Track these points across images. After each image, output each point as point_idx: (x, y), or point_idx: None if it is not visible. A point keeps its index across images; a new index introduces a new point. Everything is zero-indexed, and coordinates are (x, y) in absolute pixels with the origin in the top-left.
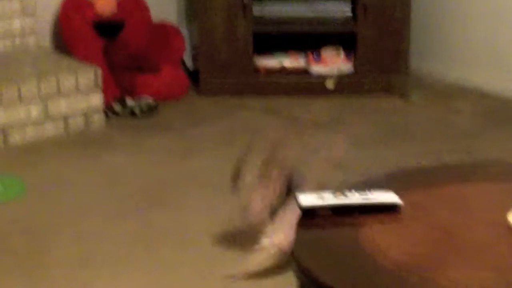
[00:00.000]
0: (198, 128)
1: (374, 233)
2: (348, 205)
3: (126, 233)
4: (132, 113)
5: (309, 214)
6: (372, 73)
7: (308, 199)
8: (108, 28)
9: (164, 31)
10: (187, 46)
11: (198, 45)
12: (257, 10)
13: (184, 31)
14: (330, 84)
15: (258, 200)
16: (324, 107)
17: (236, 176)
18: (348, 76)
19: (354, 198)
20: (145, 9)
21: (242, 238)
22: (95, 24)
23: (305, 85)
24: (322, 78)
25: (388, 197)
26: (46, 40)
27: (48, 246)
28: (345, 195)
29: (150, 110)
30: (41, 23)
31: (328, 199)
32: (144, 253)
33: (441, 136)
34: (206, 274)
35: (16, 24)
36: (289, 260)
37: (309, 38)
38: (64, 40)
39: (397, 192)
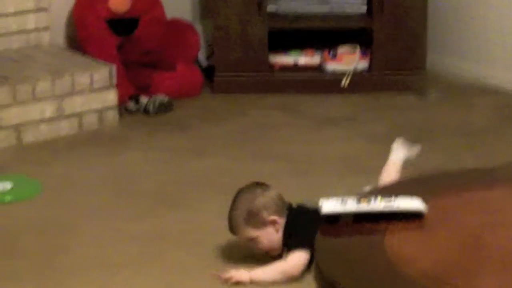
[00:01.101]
0: (213, 127)
1: (398, 241)
2: (371, 212)
3: (140, 235)
4: (146, 111)
5: (331, 221)
6: (388, 71)
7: (330, 205)
8: (122, 26)
9: (178, 28)
10: (201, 43)
11: (213, 42)
12: (272, 7)
13: (198, 28)
14: (345, 82)
15: (263, 239)
16: (339, 105)
17: (232, 228)
18: (363, 73)
19: (377, 204)
20: (159, 6)
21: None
22: (109, 21)
23: (320, 83)
24: (337, 75)
25: (412, 203)
26: (59, 38)
27: (62, 248)
28: (369, 202)
29: (164, 108)
30: (55, 20)
31: (350, 205)
32: (159, 255)
33: (458, 134)
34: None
35: (30, 21)
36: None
37: (324, 35)
38: (78, 37)
39: (421, 197)
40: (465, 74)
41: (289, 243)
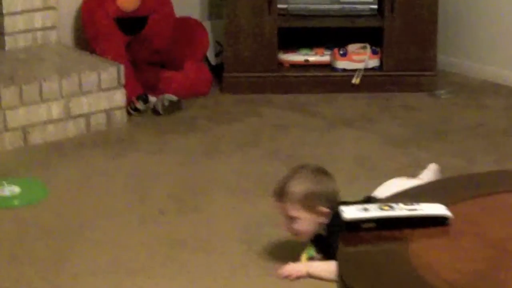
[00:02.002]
0: (223, 127)
1: (422, 249)
2: (393, 218)
3: (151, 239)
4: (155, 111)
5: (352, 228)
6: (399, 69)
7: (351, 211)
8: (130, 24)
9: (187, 27)
10: (210, 42)
11: (222, 40)
12: (282, 4)
13: (207, 26)
14: (356, 80)
15: (303, 223)
16: (350, 104)
17: (281, 193)
18: (374, 72)
19: (400, 210)
20: (168, 4)
21: None
22: (117, 20)
23: (330, 81)
24: (348, 74)
25: (436, 209)
26: (67, 36)
27: (71, 252)
28: (391, 207)
29: (173, 108)
30: (62, 19)
31: (372, 211)
32: (169, 260)
33: (472, 134)
34: (234, 282)
35: (38, 19)
36: None
37: (334, 34)
38: (87, 36)
39: (445, 203)
40: (477, 74)
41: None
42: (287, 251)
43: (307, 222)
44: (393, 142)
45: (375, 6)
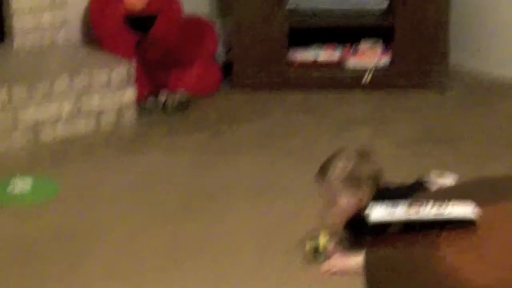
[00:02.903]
0: (234, 126)
1: (450, 253)
2: (420, 221)
3: (164, 240)
4: (165, 109)
5: (378, 230)
6: (410, 68)
7: (378, 213)
8: (139, 22)
9: (196, 25)
10: (219, 39)
11: (232, 39)
12: (292, 2)
13: (216, 24)
14: (367, 78)
15: (342, 204)
16: (361, 103)
17: (324, 172)
18: (385, 70)
19: (427, 212)
20: (176, 3)
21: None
22: (126, 18)
23: (340, 79)
24: (358, 71)
25: (463, 211)
26: (76, 34)
27: (84, 253)
28: (418, 209)
29: (183, 106)
30: (71, 17)
31: (399, 213)
32: (185, 262)
33: (483, 134)
34: (252, 285)
35: (46, 17)
36: None
37: (345, 32)
38: (95, 34)
39: (473, 205)
40: (489, 72)
41: None
42: (303, 254)
43: (346, 206)
44: (405, 142)
45: (386, 4)
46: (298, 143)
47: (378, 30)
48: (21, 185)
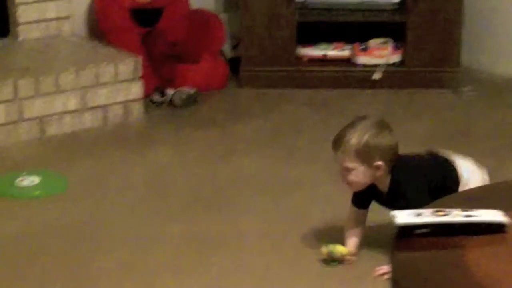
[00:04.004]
0: (242, 123)
1: (482, 258)
2: (449, 223)
3: (174, 237)
4: (172, 104)
5: (405, 233)
6: (422, 66)
7: (404, 216)
8: (145, 16)
9: (203, 19)
10: (226, 35)
11: (239, 34)
12: None
13: (223, 19)
14: (377, 76)
15: (357, 174)
16: (371, 101)
17: (339, 142)
18: (396, 68)
19: (455, 215)
20: None
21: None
22: (132, 12)
23: (350, 77)
24: (368, 69)
25: (493, 215)
26: (81, 27)
27: (93, 249)
28: (445, 212)
29: (190, 102)
30: (76, 9)
31: (426, 216)
32: (195, 259)
33: (498, 133)
34: (262, 282)
35: (51, 9)
36: None
37: (355, 28)
38: (101, 28)
39: (502, 209)
40: (503, 72)
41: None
42: (315, 250)
43: (362, 174)
44: (419, 141)
45: (398, 1)
46: (307, 140)
47: (389, 27)
48: (30, 179)
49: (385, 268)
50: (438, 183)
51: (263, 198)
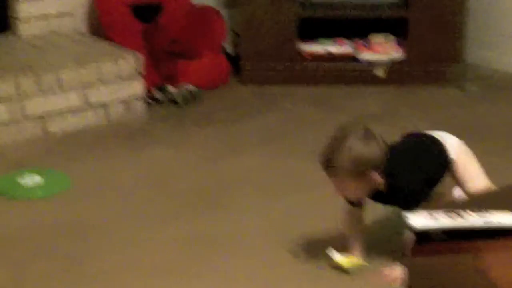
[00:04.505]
0: (244, 120)
1: (499, 262)
2: (467, 229)
3: (177, 236)
4: (173, 101)
5: (421, 238)
6: (425, 62)
7: (420, 220)
8: (146, 12)
9: (204, 15)
10: (227, 31)
11: (240, 30)
12: None
13: (224, 15)
14: (380, 72)
15: (354, 191)
16: (375, 98)
17: (329, 161)
18: (399, 64)
19: (473, 219)
20: None
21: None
22: (132, 8)
23: (353, 74)
24: (371, 66)
25: (509, 218)
26: (82, 23)
27: (94, 249)
28: (461, 216)
29: (192, 99)
30: (77, 5)
31: (442, 220)
32: (198, 259)
33: (505, 131)
34: (267, 283)
35: (52, 5)
36: None
37: (357, 24)
38: (102, 24)
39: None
40: (506, 68)
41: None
42: (320, 249)
43: (359, 189)
44: None
45: None
46: (310, 137)
47: (391, 22)
48: (32, 178)
49: (393, 272)
50: (432, 172)
51: (266, 197)
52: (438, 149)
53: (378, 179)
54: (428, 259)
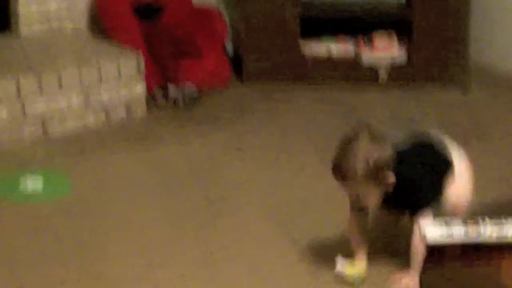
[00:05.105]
0: (247, 121)
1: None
2: (482, 244)
3: (184, 241)
4: (175, 102)
5: (436, 252)
6: (428, 63)
7: (435, 233)
8: (147, 12)
9: (206, 15)
10: (228, 30)
11: (241, 30)
12: None
13: (225, 14)
14: (382, 73)
15: (370, 196)
16: (378, 99)
17: (344, 172)
18: (401, 65)
19: (488, 232)
20: None
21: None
22: (134, 8)
23: (355, 74)
24: (374, 66)
25: None
26: (82, 22)
27: (101, 254)
28: (477, 228)
29: (194, 99)
30: (78, 5)
31: (458, 233)
32: (207, 265)
33: (509, 132)
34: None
35: (53, 5)
36: None
37: (359, 24)
38: (103, 24)
39: None
40: (510, 70)
41: (411, 208)
42: (332, 255)
43: (376, 194)
44: None
45: None
46: (318, 138)
47: (395, 23)
48: (33, 181)
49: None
50: (437, 170)
51: (272, 201)
52: (441, 149)
53: (392, 178)
54: (443, 272)
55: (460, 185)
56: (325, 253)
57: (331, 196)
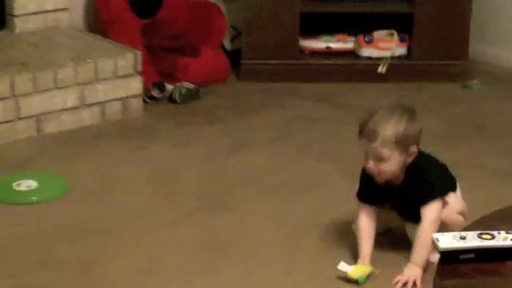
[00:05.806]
0: (245, 118)
1: None
2: (495, 248)
3: (182, 241)
4: (172, 99)
5: (449, 258)
6: (429, 58)
7: (447, 239)
8: (145, 7)
9: (204, 11)
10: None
11: (239, 25)
12: None
13: (222, 9)
14: (382, 69)
15: (392, 164)
16: (378, 95)
17: (373, 135)
18: (402, 60)
19: (503, 238)
20: None
21: None
22: (131, 3)
23: (355, 70)
24: (373, 62)
25: None
26: (78, 19)
27: (99, 255)
28: (492, 236)
29: (191, 96)
30: (74, 1)
31: (471, 239)
32: (205, 265)
33: (510, 127)
34: None
35: (49, 2)
36: None
37: (359, 19)
38: (100, 20)
39: None
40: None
41: (420, 199)
42: (333, 255)
43: (396, 163)
44: (429, 137)
45: None
46: (316, 135)
47: (395, 18)
48: (28, 183)
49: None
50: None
51: (272, 198)
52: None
53: (414, 156)
54: (457, 281)
55: (460, 199)
56: (328, 250)
57: (331, 195)
